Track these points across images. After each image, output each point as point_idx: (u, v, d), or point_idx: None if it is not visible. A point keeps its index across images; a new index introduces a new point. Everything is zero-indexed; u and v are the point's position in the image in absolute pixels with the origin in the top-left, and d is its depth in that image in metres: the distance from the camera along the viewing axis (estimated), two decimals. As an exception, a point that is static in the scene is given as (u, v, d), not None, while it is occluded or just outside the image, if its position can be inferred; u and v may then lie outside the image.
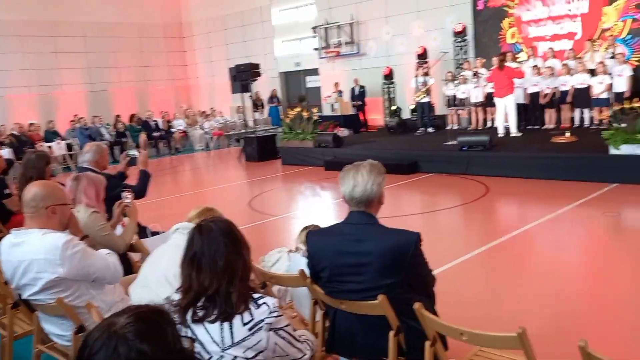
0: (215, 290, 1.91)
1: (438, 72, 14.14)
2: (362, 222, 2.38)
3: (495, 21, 13.82)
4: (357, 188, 2.37)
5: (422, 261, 2.37)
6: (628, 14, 11.77)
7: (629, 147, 7.72)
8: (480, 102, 12.44)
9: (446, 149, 10.20)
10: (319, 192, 9.60)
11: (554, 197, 7.37)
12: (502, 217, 7.23)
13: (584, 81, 10.97)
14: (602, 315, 3.86)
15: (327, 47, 18.42)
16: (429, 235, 6.33)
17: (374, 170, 2.42)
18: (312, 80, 20.39)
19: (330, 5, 18.38)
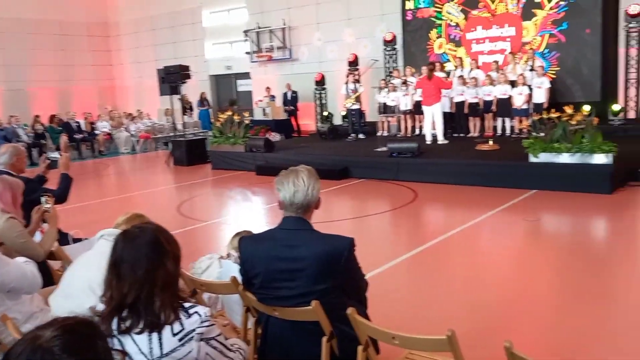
0: (135, 300, 1.84)
1: (369, 80, 14.41)
2: (297, 228, 2.37)
3: (423, 32, 14.26)
4: (298, 193, 2.36)
5: (355, 266, 2.39)
6: (546, 29, 12.49)
7: (547, 156, 8.18)
8: (409, 109, 12.79)
9: (376, 155, 10.40)
10: (251, 197, 9.51)
11: (478, 203, 7.67)
12: (429, 222, 7.44)
13: (506, 92, 11.54)
14: (524, 317, 4.04)
15: (258, 51, 18.35)
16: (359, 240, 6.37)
17: (313, 176, 2.43)
18: (244, 84, 20.25)
19: (262, 10, 18.34)
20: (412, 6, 14.38)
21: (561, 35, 12.29)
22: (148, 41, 22.27)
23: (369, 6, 15.93)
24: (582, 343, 3.57)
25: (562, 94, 12.12)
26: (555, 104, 10.80)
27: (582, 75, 12.11)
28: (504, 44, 13.04)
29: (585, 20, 11.91)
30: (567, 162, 8.01)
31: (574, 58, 12.19)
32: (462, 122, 12.45)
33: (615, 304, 4.18)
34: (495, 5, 13.08)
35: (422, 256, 5.55)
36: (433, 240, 6.01)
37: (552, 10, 12.34)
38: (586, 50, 12.01)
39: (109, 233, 2.59)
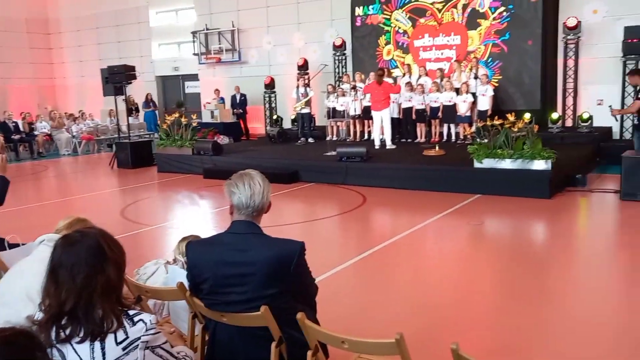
0: (74, 307, 1.78)
1: (319, 84, 14.49)
2: (246, 232, 2.35)
3: (372, 38, 14.46)
4: (255, 196, 2.35)
5: (305, 270, 2.39)
6: (489, 39, 12.91)
7: (490, 161, 8.44)
8: (358, 114, 12.93)
9: (326, 159, 10.45)
10: (198, 200, 9.37)
11: (425, 207, 7.83)
12: (377, 226, 7.54)
13: (451, 99, 11.85)
14: (469, 317, 4.15)
15: (207, 52, 18.14)
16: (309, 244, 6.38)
17: (265, 179, 2.42)
18: (192, 86, 19.97)
19: (211, 11, 18.16)
20: (361, 12, 14.56)
21: (504, 45, 12.73)
22: (91, 40, 21.63)
23: (318, 11, 16.04)
24: (523, 342, 3.69)
25: (505, 101, 12.56)
26: (498, 111, 11.17)
27: (523, 84, 12.58)
28: (451, 52, 13.40)
29: (527, 31, 12.39)
30: (509, 167, 8.29)
31: (515, 67, 12.65)
32: (409, 128, 12.69)
33: (553, 304, 4.35)
34: (442, 14, 13.43)
35: (371, 259, 5.61)
36: (381, 243, 6.08)
37: (496, 20, 12.77)
38: (527, 60, 12.49)
39: (49, 238, 2.49)
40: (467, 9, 13.09)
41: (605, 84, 12.40)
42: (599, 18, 12.37)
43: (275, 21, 16.96)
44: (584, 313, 4.15)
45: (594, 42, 12.48)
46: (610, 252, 5.75)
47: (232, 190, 2.37)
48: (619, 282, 4.86)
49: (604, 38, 12.29)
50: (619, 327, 3.91)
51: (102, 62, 19.07)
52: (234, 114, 16.39)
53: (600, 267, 5.22)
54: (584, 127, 11.52)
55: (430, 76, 12.92)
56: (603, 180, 9.27)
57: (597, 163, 10.42)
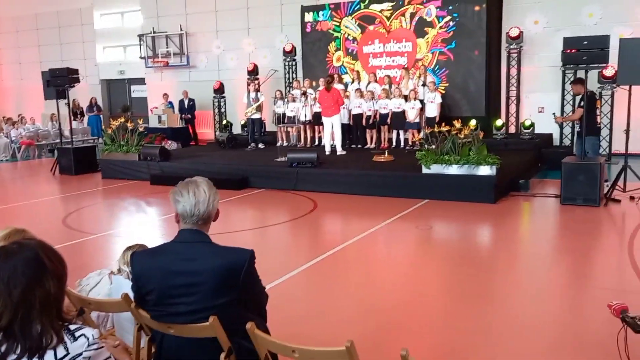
0: (10, 322, 1.69)
1: (269, 89, 14.46)
2: (194, 240, 2.30)
3: (322, 44, 14.55)
4: (200, 204, 2.30)
5: (255, 279, 2.36)
6: (436, 47, 13.23)
7: (437, 167, 8.63)
8: (309, 120, 12.96)
9: (276, 165, 10.42)
10: (145, 208, 9.16)
11: (375, 212, 7.92)
12: (328, 232, 7.56)
13: (400, 105, 12.04)
14: (418, 320, 4.21)
15: (154, 56, 17.82)
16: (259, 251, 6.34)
17: (212, 187, 2.37)
18: (138, 90, 19.58)
19: (158, 14, 17.85)
20: (311, 18, 14.63)
21: (450, 53, 13.06)
22: (32, 41, 20.86)
23: (269, 16, 16.03)
24: (470, 345, 3.77)
25: (452, 108, 12.88)
26: (446, 118, 11.45)
27: (469, 91, 12.94)
28: (402, 59, 13.63)
29: (472, 41, 12.76)
30: (456, 173, 8.49)
31: (462, 75, 12.99)
32: (359, 134, 12.82)
33: (498, 307, 4.47)
34: (391, 22, 13.66)
35: (322, 265, 5.61)
36: (332, 249, 6.10)
37: (442, 29, 13.09)
38: (473, 69, 12.85)
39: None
40: (415, 17, 13.36)
41: (546, 92, 12.91)
42: (539, 29, 12.89)
43: (225, 26, 16.84)
44: (527, 315, 4.28)
45: (535, 52, 12.99)
46: (552, 255, 5.97)
47: (177, 198, 2.32)
48: (560, 285, 5.05)
49: (545, 48, 12.82)
50: (560, 327, 4.05)
51: (43, 65, 18.42)
52: (183, 118, 16.14)
53: (542, 270, 5.41)
54: (527, 133, 11.94)
55: (380, 83, 13.11)
56: (544, 185, 9.63)
57: (539, 168, 10.82)
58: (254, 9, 16.33)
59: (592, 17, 12.33)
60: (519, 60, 12.97)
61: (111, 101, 20.33)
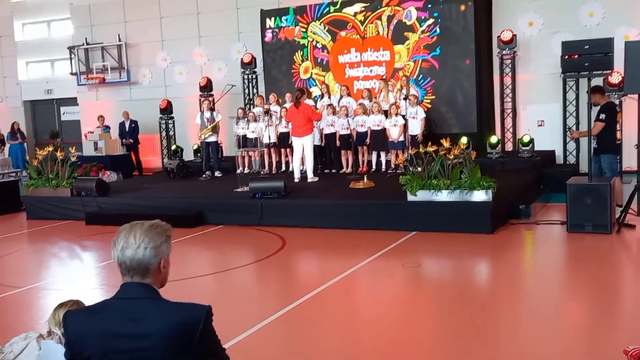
0: None
1: (226, 108, 14.50)
2: (139, 296, 2.28)
3: (287, 53, 14.75)
4: (126, 251, 2.28)
5: (213, 340, 2.35)
6: (419, 55, 13.51)
7: (425, 193, 8.73)
8: (273, 142, 13.02)
9: (236, 196, 10.40)
10: (79, 253, 9.03)
11: (354, 248, 7.96)
12: (301, 274, 7.56)
13: (380, 122, 12.20)
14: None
15: (88, 71, 17.77)
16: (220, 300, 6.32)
17: (153, 230, 2.35)
18: (69, 112, 19.43)
19: (92, 23, 17.88)
20: (272, 24, 14.84)
21: (434, 61, 13.37)
22: (-62, 57, 20.59)
23: (223, 23, 16.19)
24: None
25: (438, 124, 13.13)
26: (432, 135, 11.63)
27: (457, 104, 13.22)
28: (380, 69, 13.87)
29: (459, 46, 13.09)
30: (446, 199, 8.61)
31: (449, 86, 13.28)
32: (333, 157, 12.93)
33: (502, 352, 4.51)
34: (365, 27, 13.93)
35: (294, 315, 5.60)
36: (306, 294, 6.10)
37: (424, 34, 13.40)
38: (461, 78, 13.16)
39: None
40: (393, 21, 13.66)
41: (545, 103, 13.27)
42: (535, 31, 13.30)
43: (172, 34, 16.93)
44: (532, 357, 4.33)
45: (531, 58, 13.39)
46: (560, 292, 6.08)
47: (112, 247, 2.32)
48: (571, 326, 5.13)
49: (542, 53, 13.22)
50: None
51: (-47, 85, 18.20)
52: (123, 144, 16.04)
53: (550, 309, 5.49)
54: (525, 151, 12.20)
55: (356, 97, 13.27)
56: (548, 210, 9.83)
57: (541, 191, 11.05)
58: (206, 15, 16.48)
59: (593, 17, 12.80)
60: (513, 68, 13.33)
61: (37, 126, 20.12)
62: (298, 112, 11.42)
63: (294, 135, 11.67)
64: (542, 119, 13.33)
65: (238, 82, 15.31)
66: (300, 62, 14.64)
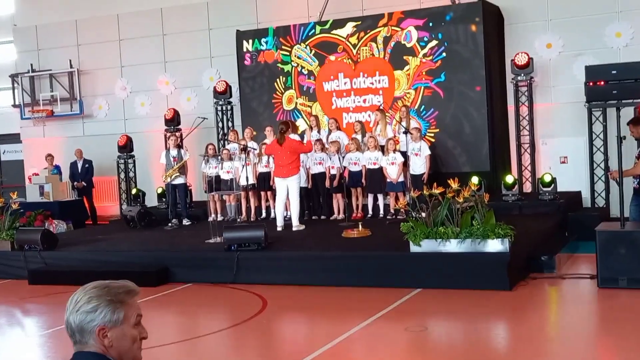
0: None
1: (196, 144, 14.52)
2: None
3: (267, 81, 14.85)
4: (66, 314, 2.33)
5: None
6: (421, 81, 13.67)
7: (430, 243, 8.73)
8: (252, 184, 13.01)
9: (208, 248, 10.36)
10: (21, 320, 8.94)
11: (349, 309, 7.91)
12: (285, 342, 7.49)
13: (377, 160, 12.25)
14: None
15: (34, 103, 17.76)
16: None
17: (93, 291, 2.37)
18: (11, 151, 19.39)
19: (39, 47, 17.95)
20: (250, 47, 14.99)
21: (439, 89, 13.51)
22: None
23: (192, 46, 16.33)
24: None
25: (445, 162, 13.20)
26: (437, 175, 11.68)
27: (466, 138, 13.33)
28: (375, 98, 14.01)
29: (467, 71, 13.25)
30: (455, 251, 8.60)
31: (456, 117, 13.40)
32: (322, 201, 12.94)
33: None
34: (358, 49, 14.11)
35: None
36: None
37: (427, 57, 13.59)
38: (470, 108, 13.29)
39: None
40: (390, 42, 13.87)
41: (568, 137, 13.40)
42: (554, 54, 13.51)
43: (133, 59, 17.02)
44: None
45: (550, 84, 13.58)
46: (591, 358, 6.04)
47: None
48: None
49: (562, 79, 13.41)
50: None
51: None
52: (75, 188, 15.98)
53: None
54: (547, 192, 12.26)
55: (348, 131, 13.36)
56: (575, 261, 9.84)
57: (566, 239, 11.07)
58: (172, 37, 16.64)
59: (620, 38, 13.05)
60: (530, 96, 13.49)
61: (-28, 167, 20.03)
62: (282, 149, 11.44)
63: (277, 176, 11.68)
64: (565, 154, 13.45)
65: (210, 114, 15.38)
66: (282, 90, 14.76)
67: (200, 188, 14.66)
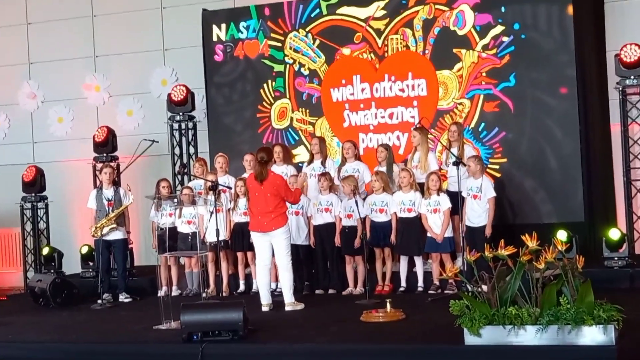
0: None
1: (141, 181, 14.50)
2: None
3: (250, 85, 14.92)
4: None
5: None
6: (478, 87, 13.66)
7: (495, 332, 8.60)
8: (224, 241, 12.96)
9: (158, 339, 10.30)
10: None
11: None
12: None
13: (413, 205, 12.19)
14: None
15: None
16: None
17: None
18: None
19: None
20: (224, 36, 15.01)
21: (507, 99, 13.49)
22: None
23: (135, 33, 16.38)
24: None
25: (518, 209, 13.13)
26: (505, 228, 11.63)
27: (550, 173, 13.30)
28: (409, 113, 14.00)
29: (549, 74, 13.27)
30: (534, 343, 8.49)
31: (533, 141, 13.38)
32: (331, 267, 12.90)
33: None
34: (385, 38, 14.12)
35: None
36: None
37: (489, 51, 13.59)
38: (554, 127, 13.25)
39: None
40: (433, 29, 13.89)
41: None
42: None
43: (47, 52, 17.08)
44: None
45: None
46: None
47: None
48: None
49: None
50: None
51: None
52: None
53: None
54: (671, 255, 12.23)
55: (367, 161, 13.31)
56: None
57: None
58: (106, 19, 16.74)
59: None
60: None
61: None
62: (262, 190, 11.33)
63: (255, 230, 11.58)
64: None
65: (163, 135, 15.39)
66: (271, 99, 14.77)
67: (147, 247, 14.61)
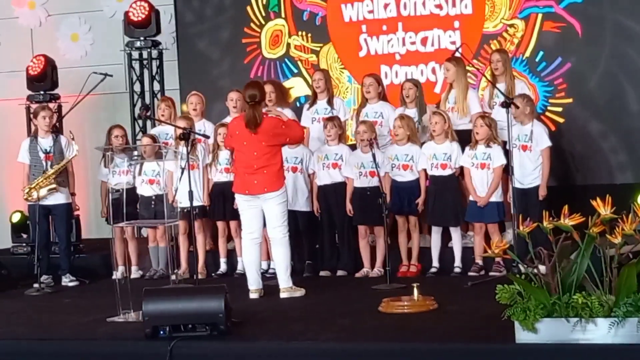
0: None
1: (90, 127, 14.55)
2: None
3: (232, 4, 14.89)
4: None
5: None
6: (535, 3, 13.63)
7: (556, 326, 8.62)
8: (200, 207, 12.96)
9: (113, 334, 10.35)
10: None
11: None
12: None
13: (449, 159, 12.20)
14: None
15: None
16: None
17: None
18: None
19: None
20: None
21: (572, 18, 13.49)
22: None
23: None
24: None
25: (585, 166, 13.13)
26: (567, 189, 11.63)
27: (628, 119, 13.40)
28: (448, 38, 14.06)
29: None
30: (607, 341, 8.52)
31: (607, 76, 13.40)
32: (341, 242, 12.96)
33: None
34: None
35: None
36: None
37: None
38: (638, 60, 13.23)
39: None
40: None
41: None
42: None
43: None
44: None
45: None
46: None
47: None
48: None
49: None
50: None
51: None
52: None
53: None
54: None
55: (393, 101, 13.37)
56: None
57: None
58: None
59: None
60: None
61: None
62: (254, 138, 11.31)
63: (241, 193, 11.59)
64: None
65: (119, 67, 15.42)
66: (261, 20, 14.79)
67: (97, 214, 14.65)
